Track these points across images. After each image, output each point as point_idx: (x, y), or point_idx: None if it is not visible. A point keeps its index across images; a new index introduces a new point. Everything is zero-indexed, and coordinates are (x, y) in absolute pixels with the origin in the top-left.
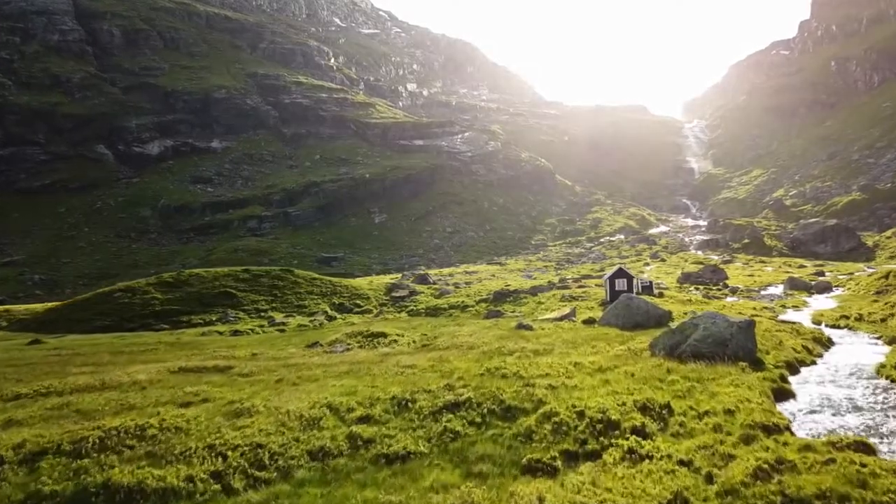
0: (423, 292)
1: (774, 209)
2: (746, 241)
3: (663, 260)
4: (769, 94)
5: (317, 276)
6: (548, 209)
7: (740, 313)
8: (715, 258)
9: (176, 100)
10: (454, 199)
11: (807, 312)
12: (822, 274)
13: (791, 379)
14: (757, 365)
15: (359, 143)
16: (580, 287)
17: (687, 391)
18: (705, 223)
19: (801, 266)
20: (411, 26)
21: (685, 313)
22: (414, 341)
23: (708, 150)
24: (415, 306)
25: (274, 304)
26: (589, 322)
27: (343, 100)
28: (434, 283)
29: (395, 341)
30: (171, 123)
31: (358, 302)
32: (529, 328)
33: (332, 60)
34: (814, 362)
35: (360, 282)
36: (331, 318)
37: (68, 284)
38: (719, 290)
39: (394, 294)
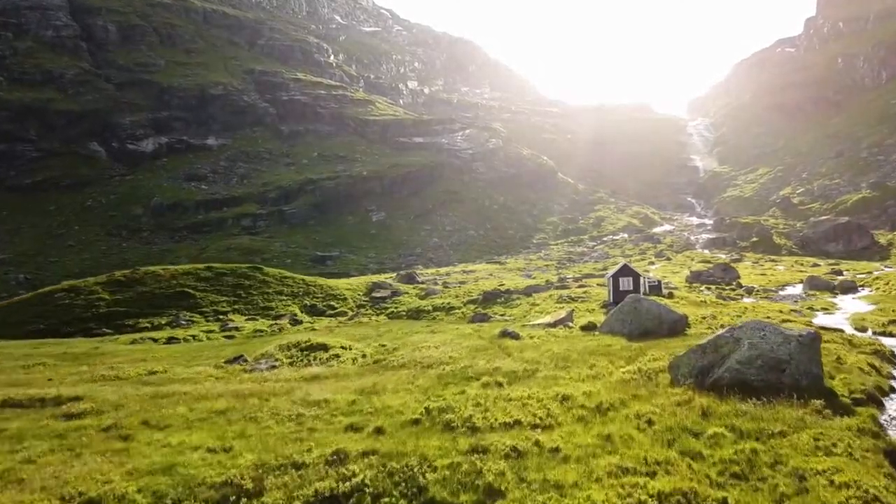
0: (407, 292)
1: (782, 207)
2: (755, 239)
3: (669, 259)
4: (775, 91)
5: (289, 274)
6: (549, 208)
7: (768, 317)
8: (723, 257)
9: (171, 96)
10: (454, 197)
11: (841, 316)
12: (839, 273)
13: (882, 419)
14: (828, 399)
15: (357, 140)
16: (580, 287)
17: (747, 463)
18: (711, 222)
19: (815, 265)
20: (413, 24)
21: (703, 318)
22: (364, 355)
23: (713, 149)
24: (395, 308)
25: (237, 306)
26: (588, 328)
27: (342, 97)
28: (422, 283)
29: (338, 356)
30: (166, 120)
31: (333, 303)
32: (515, 336)
33: (332, 57)
34: (892, 389)
35: (340, 282)
36: (296, 322)
37: (52, 284)
38: (733, 290)
39: (374, 295)
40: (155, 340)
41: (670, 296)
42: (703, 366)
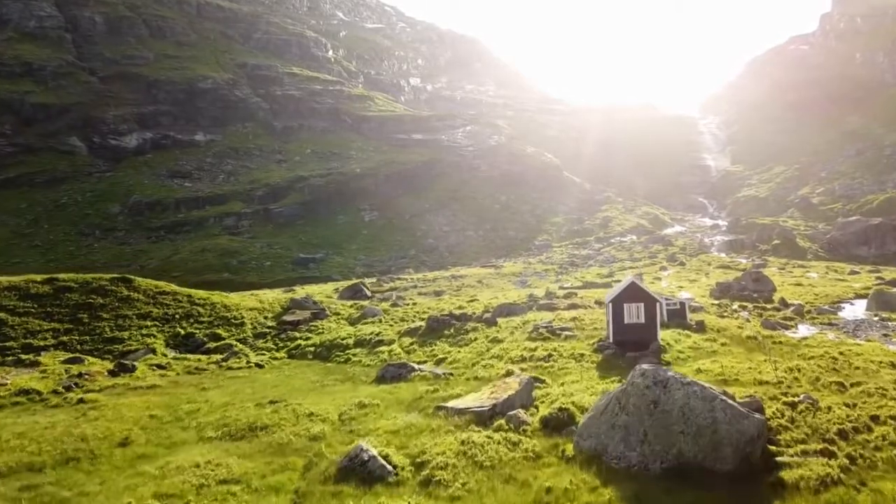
0: (338, 313)
1: (801, 208)
2: (776, 241)
3: (682, 264)
4: (789, 88)
5: (170, 288)
6: (554, 207)
7: None
8: (743, 261)
9: (158, 90)
10: (453, 196)
11: None
12: (894, 283)
13: None
14: None
15: (354, 137)
16: (571, 307)
17: None
18: (725, 223)
19: (853, 272)
20: (417, 21)
21: (779, 394)
22: None
23: (725, 147)
24: (305, 340)
25: (69, 337)
26: (556, 428)
27: (339, 92)
28: (370, 297)
29: None
30: (152, 115)
31: (220, 331)
32: (374, 479)
33: (331, 53)
34: None
35: (245, 299)
36: (129, 371)
37: None
38: (777, 310)
39: (286, 318)
40: None
41: (700, 327)
42: None
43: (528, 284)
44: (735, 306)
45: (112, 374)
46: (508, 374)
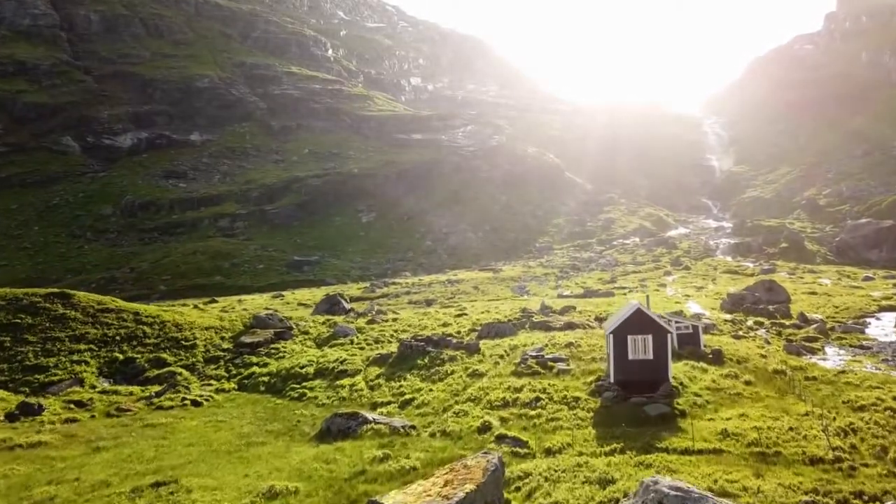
0: (307, 332)
1: (807, 210)
2: (784, 245)
3: (687, 268)
4: (794, 88)
5: (115, 305)
6: (556, 208)
7: None
8: (750, 265)
9: (154, 89)
10: (452, 197)
11: None
12: None
13: None
14: None
15: (353, 137)
16: (568, 326)
17: None
18: (730, 225)
19: (867, 278)
20: (419, 21)
21: None
22: None
23: (729, 147)
24: (260, 368)
25: None
26: None
27: (338, 91)
28: (348, 311)
29: None
30: (148, 114)
31: (165, 356)
32: None
33: (330, 52)
34: None
35: (203, 316)
36: (34, 413)
37: None
38: (798, 327)
39: (244, 339)
40: None
41: (717, 357)
42: None
43: (526, 290)
44: (750, 322)
45: (10, 417)
46: (484, 428)
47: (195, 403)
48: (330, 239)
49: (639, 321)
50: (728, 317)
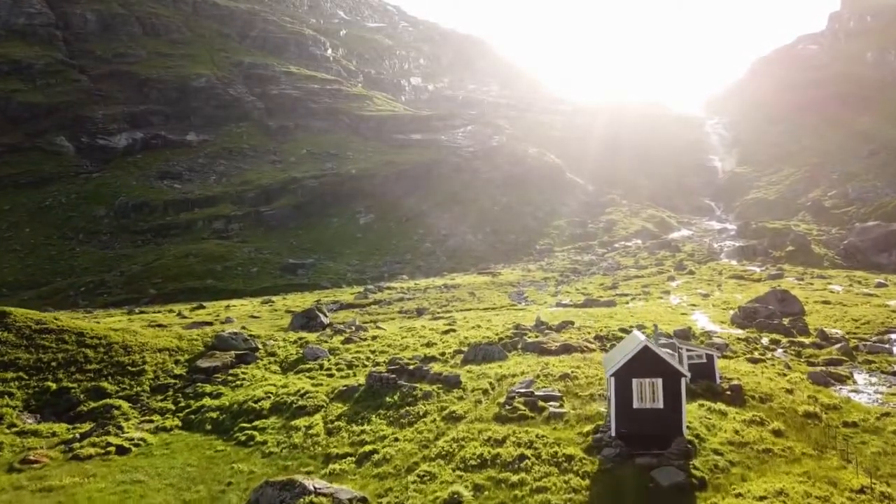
0: (274, 353)
1: (812, 211)
2: (790, 248)
3: (692, 273)
4: (797, 88)
5: (56, 325)
6: (557, 209)
7: None
8: (756, 270)
9: (150, 89)
10: (452, 198)
11: None
12: None
13: None
14: None
15: (351, 137)
16: (564, 348)
17: None
18: (734, 227)
19: (880, 284)
20: (420, 21)
21: None
22: None
23: (732, 148)
24: (212, 400)
25: None
26: None
27: (337, 91)
28: (326, 326)
29: None
30: (143, 114)
31: (105, 385)
32: None
33: (330, 51)
34: None
35: (158, 336)
36: None
37: None
38: (816, 346)
39: (200, 364)
40: None
41: (737, 395)
42: None
43: (524, 297)
44: (765, 340)
45: None
46: (452, 503)
47: (121, 451)
48: (326, 241)
49: (646, 361)
50: (740, 333)
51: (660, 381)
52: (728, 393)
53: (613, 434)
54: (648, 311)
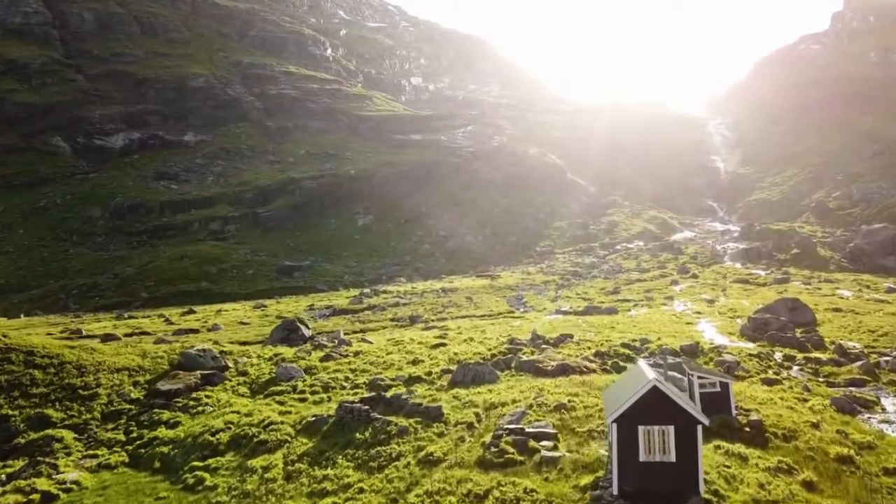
0: (245, 372)
1: (817, 213)
2: (796, 251)
3: (695, 276)
4: (800, 88)
5: (7, 342)
6: (557, 211)
7: None
8: (762, 273)
9: (148, 88)
10: (451, 199)
11: None
12: None
13: None
14: None
15: (350, 137)
16: (562, 370)
17: None
18: (737, 228)
19: (891, 289)
20: (420, 21)
21: None
22: None
23: (734, 148)
24: (167, 431)
25: None
26: None
27: (336, 91)
28: (307, 339)
29: None
30: (140, 114)
31: (50, 413)
32: None
33: (329, 51)
34: None
35: (119, 354)
36: None
37: None
38: (835, 363)
39: (160, 386)
40: None
41: (757, 433)
42: None
43: (522, 302)
44: (779, 356)
45: None
46: None
47: (47, 498)
48: (324, 243)
49: (655, 404)
50: (751, 347)
51: (671, 429)
52: (747, 430)
53: (616, 492)
54: (652, 320)
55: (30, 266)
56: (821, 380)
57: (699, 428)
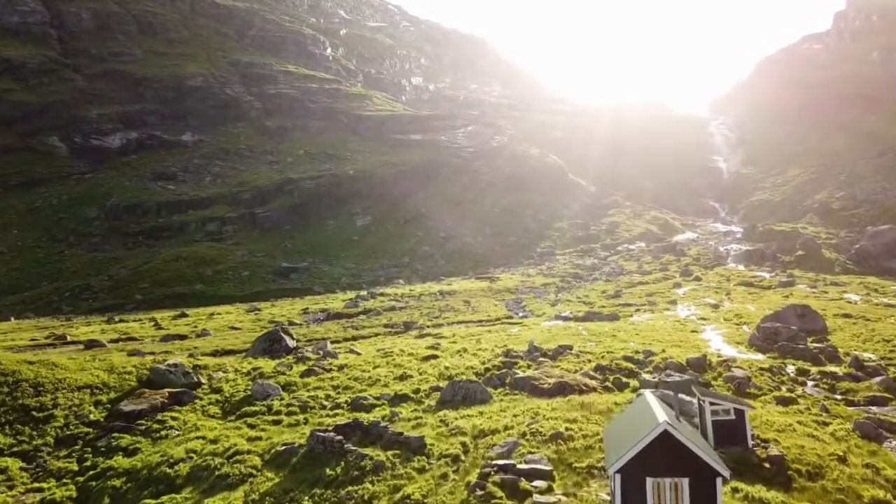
0: (219, 389)
1: (820, 213)
2: (800, 252)
3: (698, 279)
4: (802, 88)
5: None
6: (558, 211)
7: None
8: (766, 276)
9: (146, 88)
10: (451, 199)
11: None
12: None
13: None
14: None
15: (350, 137)
16: (560, 388)
17: None
18: (740, 229)
19: None
20: (421, 21)
21: None
22: None
23: (736, 149)
24: (123, 460)
25: None
26: None
27: (335, 91)
28: (292, 350)
29: None
30: (138, 114)
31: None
32: None
33: (329, 51)
34: None
35: (84, 370)
36: None
37: None
38: (853, 378)
39: (122, 407)
40: None
41: (779, 471)
42: None
43: (521, 306)
44: (791, 370)
45: None
46: None
47: None
48: (322, 244)
49: (666, 453)
50: (761, 359)
51: (685, 482)
52: (767, 466)
53: None
54: (655, 327)
55: (24, 267)
56: (838, 397)
57: (719, 481)
